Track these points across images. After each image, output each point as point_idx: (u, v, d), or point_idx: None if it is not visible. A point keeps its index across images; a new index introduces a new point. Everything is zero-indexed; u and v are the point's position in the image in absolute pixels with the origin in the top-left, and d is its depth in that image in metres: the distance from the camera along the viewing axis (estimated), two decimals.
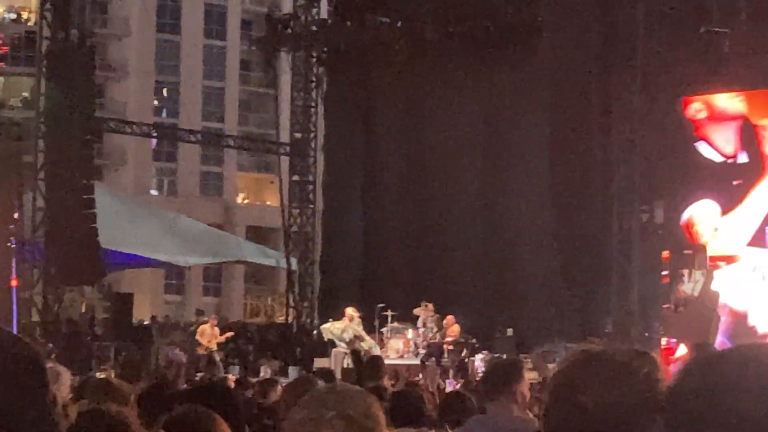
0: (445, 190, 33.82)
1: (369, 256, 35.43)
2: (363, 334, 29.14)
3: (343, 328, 29.09)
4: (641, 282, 27.95)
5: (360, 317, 29.12)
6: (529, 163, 31.76)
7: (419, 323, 29.90)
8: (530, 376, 13.89)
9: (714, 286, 22.10)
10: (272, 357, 32.75)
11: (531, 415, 7.16)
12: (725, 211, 23.37)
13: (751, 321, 21.54)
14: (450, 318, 29.40)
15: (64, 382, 7.00)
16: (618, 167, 28.50)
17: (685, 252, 24.57)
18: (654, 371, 2.77)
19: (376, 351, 27.80)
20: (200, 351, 30.88)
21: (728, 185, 23.50)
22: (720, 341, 20.55)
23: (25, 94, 64.65)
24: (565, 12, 28.10)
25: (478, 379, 18.26)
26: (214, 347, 31.23)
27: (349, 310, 29.74)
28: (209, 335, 31.21)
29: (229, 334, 32.43)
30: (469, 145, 33.90)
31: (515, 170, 32.79)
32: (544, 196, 29.35)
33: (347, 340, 28.60)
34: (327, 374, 14.84)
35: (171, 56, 70.92)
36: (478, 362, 28.07)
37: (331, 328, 29.27)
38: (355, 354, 16.88)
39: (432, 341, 29.24)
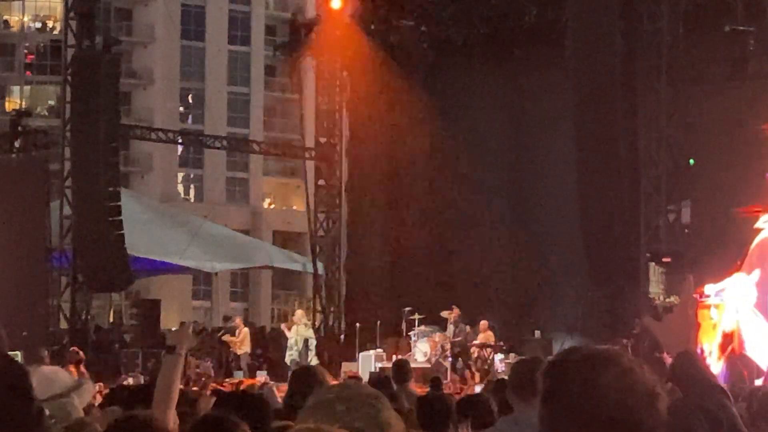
0: (471, 191, 33.72)
1: (394, 259, 35.35)
2: (311, 338, 29.60)
3: (297, 332, 29.52)
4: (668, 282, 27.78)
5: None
6: (555, 163, 31.65)
7: (448, 326, 29.86)
8: None
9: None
10: None
11: None
12: None
13: None
14: (484, 323, 29.41)
15: (85, 392, 6.96)
16: (645, 167, 28.37)
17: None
18: None
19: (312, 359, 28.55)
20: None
21: None
22: None
23: (51, 102, 64.94)
24: (590, 12, 28.01)
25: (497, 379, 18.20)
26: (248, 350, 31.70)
27: (298, 314, 29.93)
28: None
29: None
30: (494, 147, 33.81)
31: (541, 171, 32.68)
32: (570, 195, 29.23)
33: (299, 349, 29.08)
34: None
35: (196, 63, 71.09)
36: (498, 362, 28.19)
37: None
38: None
39: (457, 340, 29.22)
